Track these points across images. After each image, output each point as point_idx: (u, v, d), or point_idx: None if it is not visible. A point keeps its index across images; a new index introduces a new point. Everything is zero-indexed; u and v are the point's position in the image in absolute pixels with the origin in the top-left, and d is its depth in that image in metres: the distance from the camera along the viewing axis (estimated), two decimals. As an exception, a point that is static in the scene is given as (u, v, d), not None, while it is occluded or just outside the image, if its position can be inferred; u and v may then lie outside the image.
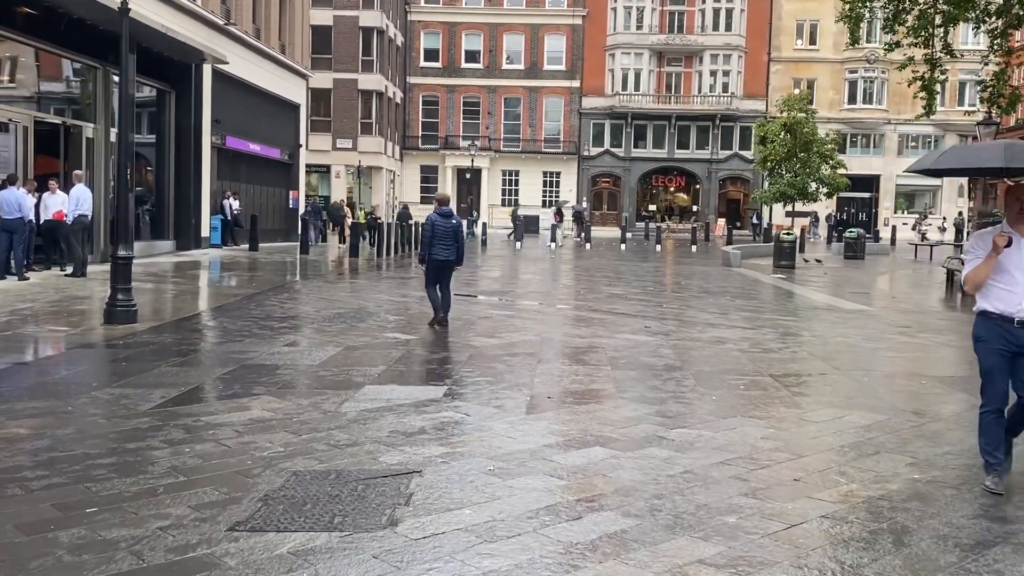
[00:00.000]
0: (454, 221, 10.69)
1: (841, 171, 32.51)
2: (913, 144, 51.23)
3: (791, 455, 5.48)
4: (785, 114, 31.63)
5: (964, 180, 52.25)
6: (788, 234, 23.38)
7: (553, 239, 33.10)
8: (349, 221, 25.97)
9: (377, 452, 5.36)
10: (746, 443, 5.72)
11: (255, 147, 28.61)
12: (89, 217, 15.04)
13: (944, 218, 50.73)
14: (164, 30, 19.30)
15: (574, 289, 17.35)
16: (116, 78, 19.53)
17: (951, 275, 19.50)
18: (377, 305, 13.15)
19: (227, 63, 23.30)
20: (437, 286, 10.75)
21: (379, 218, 24.64)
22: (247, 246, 25.42)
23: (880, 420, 6.45)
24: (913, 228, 42.01)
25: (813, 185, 31.58)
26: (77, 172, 15.27)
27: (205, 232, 24.45)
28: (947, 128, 49.70)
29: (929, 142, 50.95)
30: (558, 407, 6.75)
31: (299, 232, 25.82)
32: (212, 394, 6.97)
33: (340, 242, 26.89)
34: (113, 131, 19.47)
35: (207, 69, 23.80)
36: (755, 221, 44.99)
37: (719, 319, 12.26)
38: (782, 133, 31.42)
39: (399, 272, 20.66)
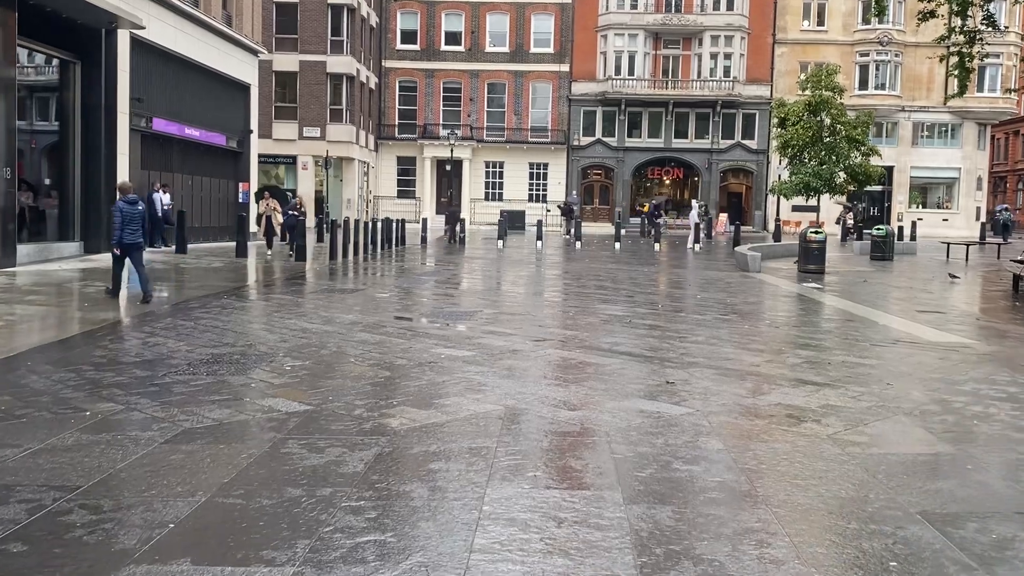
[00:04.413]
0: (140, 207, 11.94)
1: (875, 160, 28.44)
2: (928, 133, 47.46)
3: None
4: (808, 92, 27.60)
5: (984, 172, 48.77)
6: (817, 233, 19.65)
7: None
8: (279, 218, 21.55)
9: None
10: None
11: (192, 132, 24.69)
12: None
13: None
14: (48, -21, 15.47)
15: (561, 308, 13.51)
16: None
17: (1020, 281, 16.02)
18: (281, 339, 9.31)
19: (143, 27, 19.43)
20: (126, 266, 12.03)
21: (301, 214, 19.64)
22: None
23: None
24: (837, 221, 36.92)
25: (841, 175, 27.51)
26: None
27: (123, 231, 20.51)
28: (966, 116, 46.01)
29: (945, 131, 47.25)
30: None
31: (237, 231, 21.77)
32: None
33: (268, 246, 22.57)
34: (-10, 108, 15.73)
35: (123, 36, 19.90)
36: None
37: (772, 365, 8.44)
38: (805, 114, 27.35)
39: (341, 283, 16.82)
